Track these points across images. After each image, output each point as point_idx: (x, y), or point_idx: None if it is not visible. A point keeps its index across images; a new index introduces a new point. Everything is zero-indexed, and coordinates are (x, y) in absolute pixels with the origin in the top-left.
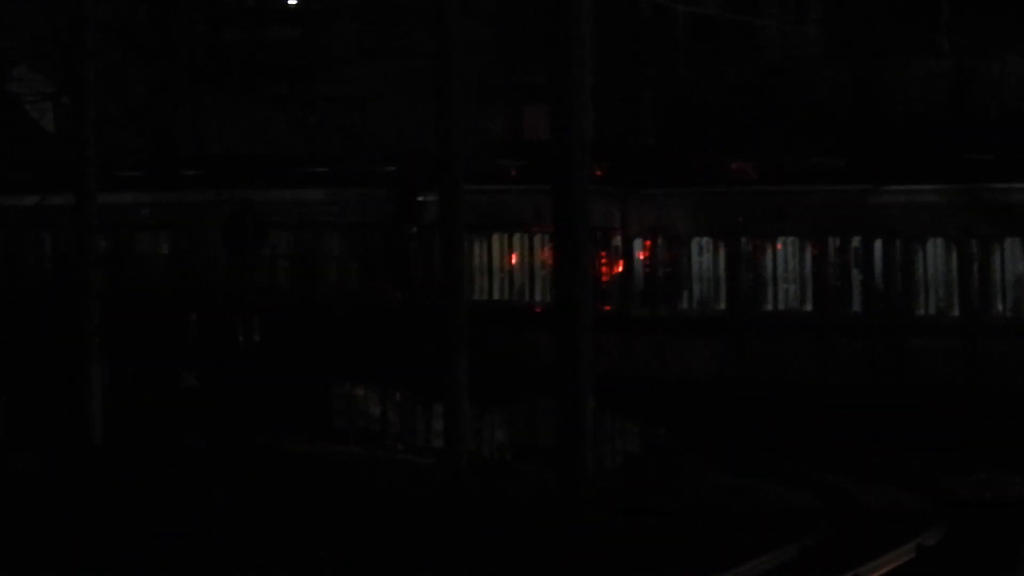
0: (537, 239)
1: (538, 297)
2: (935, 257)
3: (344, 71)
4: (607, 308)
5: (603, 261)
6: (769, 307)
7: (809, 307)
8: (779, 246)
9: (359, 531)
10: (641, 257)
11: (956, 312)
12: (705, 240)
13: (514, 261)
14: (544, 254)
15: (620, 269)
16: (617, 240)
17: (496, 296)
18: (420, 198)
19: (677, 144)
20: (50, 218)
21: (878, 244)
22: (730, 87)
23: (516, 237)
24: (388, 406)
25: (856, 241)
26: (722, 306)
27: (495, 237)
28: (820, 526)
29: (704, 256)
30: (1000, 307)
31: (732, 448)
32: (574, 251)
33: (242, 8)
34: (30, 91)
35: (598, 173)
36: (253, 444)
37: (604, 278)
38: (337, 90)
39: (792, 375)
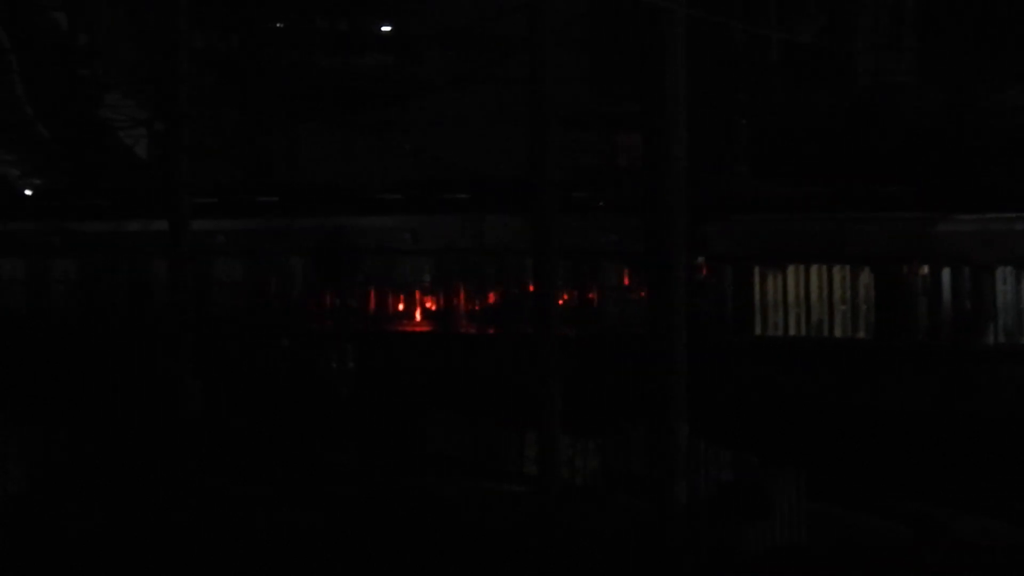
0: (837, 271)
1: (838, 332)
2: None
3: (437, 98)
4: None
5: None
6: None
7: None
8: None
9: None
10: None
11: None
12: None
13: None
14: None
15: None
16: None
17: (792, 332)
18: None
19: (768, 173)
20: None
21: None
22: (823, 114)
23: (813, 269)
24: (480, 433)
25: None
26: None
27: (790, 269)
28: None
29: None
30: None
31: (829, 475)
32: (667, 280)
33: (335, 34)
34: (123, 117)
35: None
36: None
37: None
38: (429, 117)
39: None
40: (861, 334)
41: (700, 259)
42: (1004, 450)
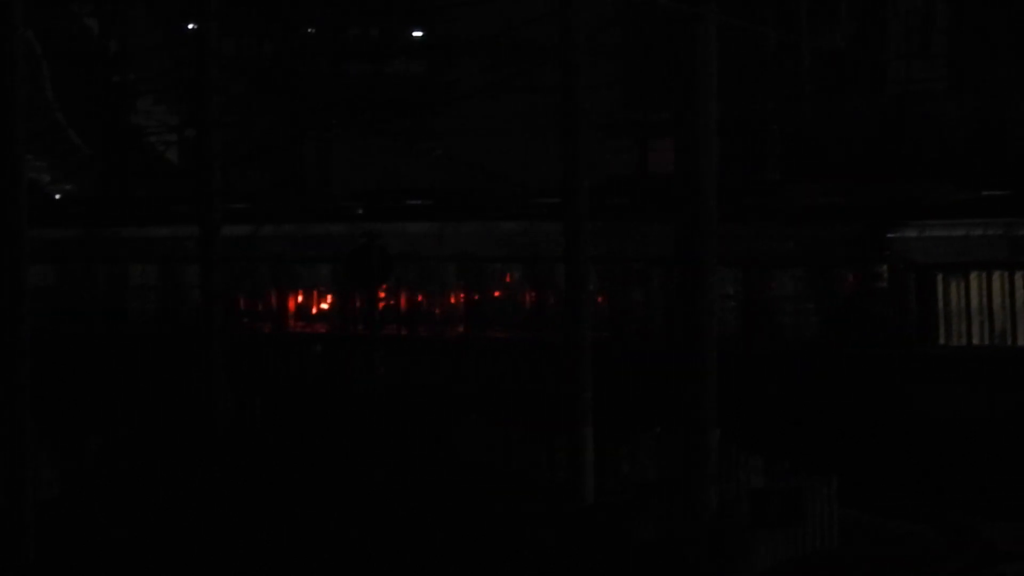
0: (1019, 277)
1: (1021, 341)
2: None
3: (468, 106)
4: None
5: None
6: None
7: None
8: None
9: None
10: None
11: None
12: None
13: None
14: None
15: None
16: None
17: (976, 341)
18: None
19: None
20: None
21: None
22: (854, 121)
23: (995, 276)
24: (512, 440)
25: None
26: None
27: (972, 276)
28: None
29: None
30: None
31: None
32: (699, 284)
33: (367, 40)
34: (155, 123)
35: None
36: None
37: None
38: (461, 125)
39: None
40: None
41: (883, 267)
42: None
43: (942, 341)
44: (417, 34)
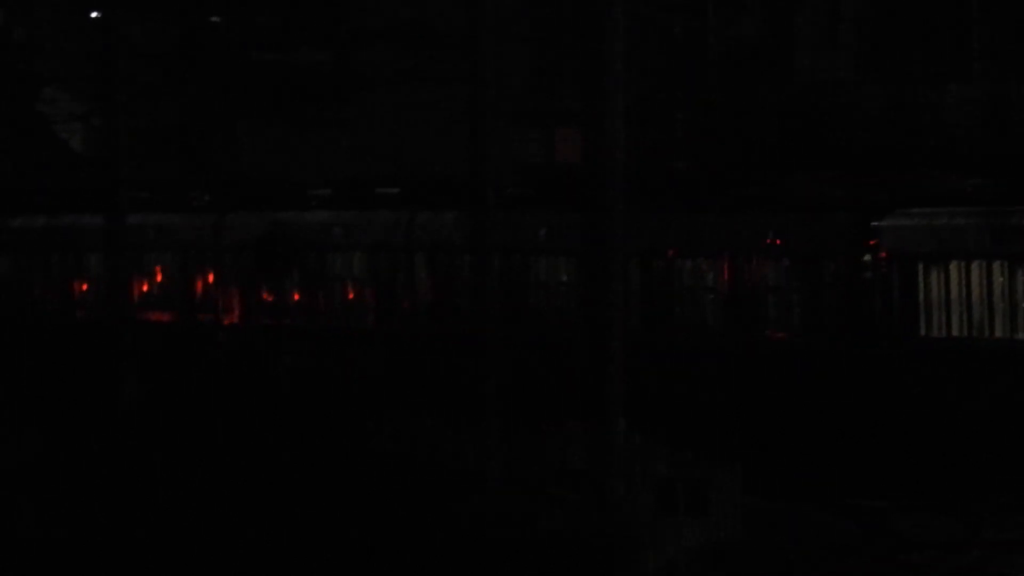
0: (997, 267)
1: (999, 333)
2: None
3: (377, 95)
4: None
5: None
6: None
7: None
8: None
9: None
10: None
11: None
12: None
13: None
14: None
15: None
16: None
17: (955, 332)
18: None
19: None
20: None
21: None
22: (763, 110)
23: (974, 266)
24: (425, 429)
25: None
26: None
27: (953, 266)
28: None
29: None
30: None
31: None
32: (604, 271)
33: (272, 30)
34: (60, 112)
35: None
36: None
37: None
38: (369, 113)
39: None
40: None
41: (867, 256)
42: None
43: (923, 332)
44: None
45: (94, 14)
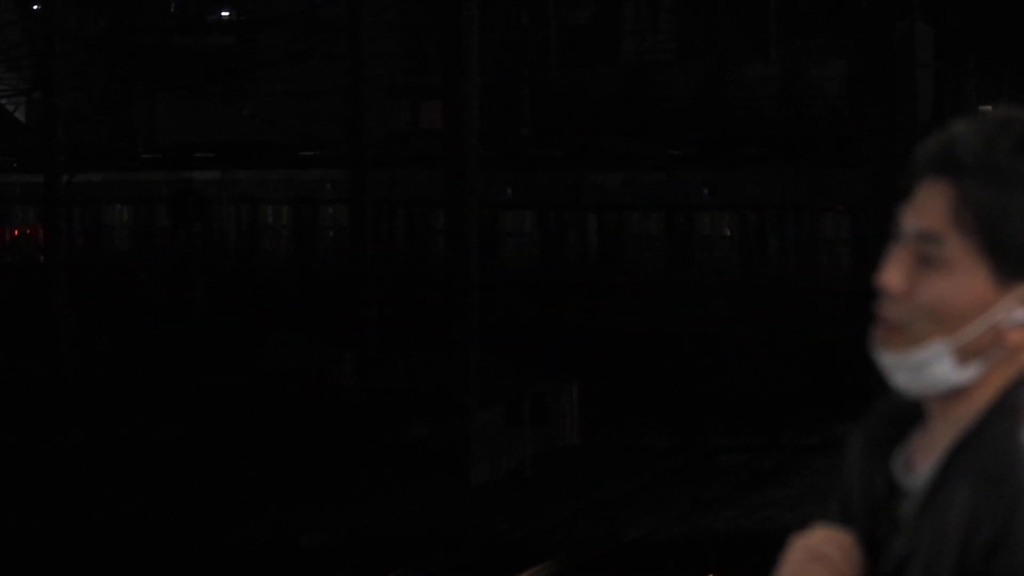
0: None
1: None
2: None
3: (276, 72)
4: None
5: None
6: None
7: None
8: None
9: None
10: None
11: None
12: None
13: None
14: None
15: None
16: None
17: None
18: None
19: (548, 137)
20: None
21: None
22: (595, 86)
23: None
24: (309, 352)
25: None
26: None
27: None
28: None
29: None
30: None
31: None
32: (464, 221)
33: (186, 17)
34: (7, 88)
35: None
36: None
37: None
38: (269, 88)
39: None
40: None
41: None
42: None
43: None
44: (226, 15)
45: (36, 6)
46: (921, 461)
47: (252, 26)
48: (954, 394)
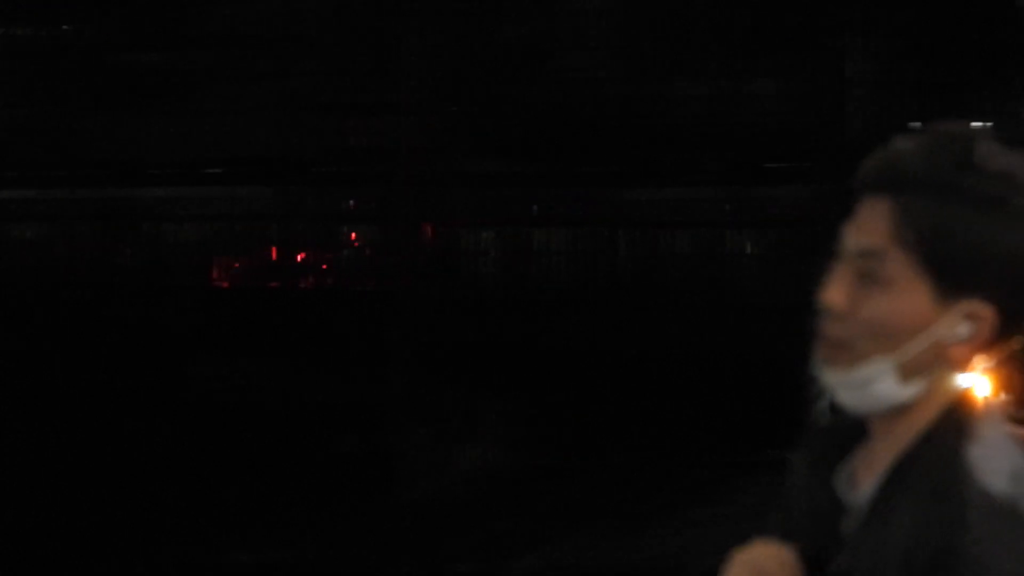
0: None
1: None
2: None
3: (213, 89)
4: None
5: None
6: None
7: None
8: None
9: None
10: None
11: None
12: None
13: None
14: None
15: None
16: None
17: None
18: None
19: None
20: None
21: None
22: (532, 104)
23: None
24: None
25: None
26: None
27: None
28: None
29: None
30: None
31: None
32: (397, 239)
33: (123, 36)
34: None
35: None
36: None
37: None
38: (206, 105)
39: None
40: None
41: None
42: None
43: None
44: (163, 32)
45: None
46: (864, 478)
47: (186, 44)
48: (897, 411)
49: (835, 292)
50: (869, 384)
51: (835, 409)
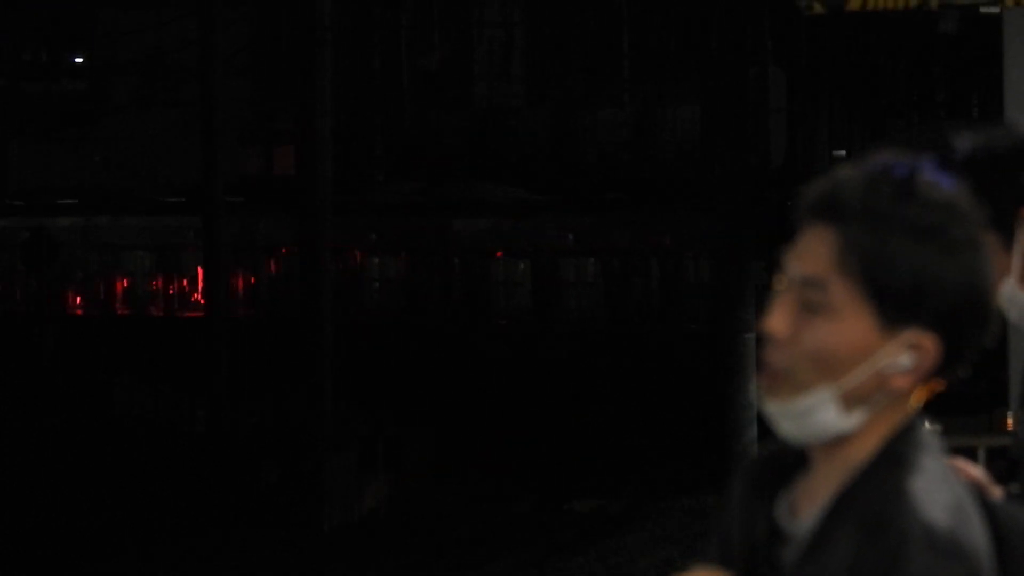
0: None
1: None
2: None
3: (128, 117)
4: None
5: None
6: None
7: None
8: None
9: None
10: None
11: None
12: None
13: None
14: None
15: None
16: None
17: None
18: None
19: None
20: None
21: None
22: (448, 132)
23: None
24: (159, 397)
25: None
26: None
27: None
28: None
29: None
30: None
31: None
32: (316, 266)
33: (38, 63)
34: None
35: None
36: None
37: None
38: (121, 133)
39: None
40: None
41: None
42: None
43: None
44: (79, 60)
45: None
46: (805, 507)
47: (104, 71)
48: (838, 441)
49: (777, 320)
50: (810, 414)
51: (776, 437)
